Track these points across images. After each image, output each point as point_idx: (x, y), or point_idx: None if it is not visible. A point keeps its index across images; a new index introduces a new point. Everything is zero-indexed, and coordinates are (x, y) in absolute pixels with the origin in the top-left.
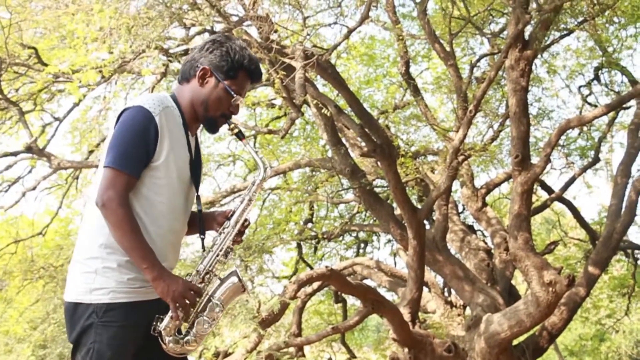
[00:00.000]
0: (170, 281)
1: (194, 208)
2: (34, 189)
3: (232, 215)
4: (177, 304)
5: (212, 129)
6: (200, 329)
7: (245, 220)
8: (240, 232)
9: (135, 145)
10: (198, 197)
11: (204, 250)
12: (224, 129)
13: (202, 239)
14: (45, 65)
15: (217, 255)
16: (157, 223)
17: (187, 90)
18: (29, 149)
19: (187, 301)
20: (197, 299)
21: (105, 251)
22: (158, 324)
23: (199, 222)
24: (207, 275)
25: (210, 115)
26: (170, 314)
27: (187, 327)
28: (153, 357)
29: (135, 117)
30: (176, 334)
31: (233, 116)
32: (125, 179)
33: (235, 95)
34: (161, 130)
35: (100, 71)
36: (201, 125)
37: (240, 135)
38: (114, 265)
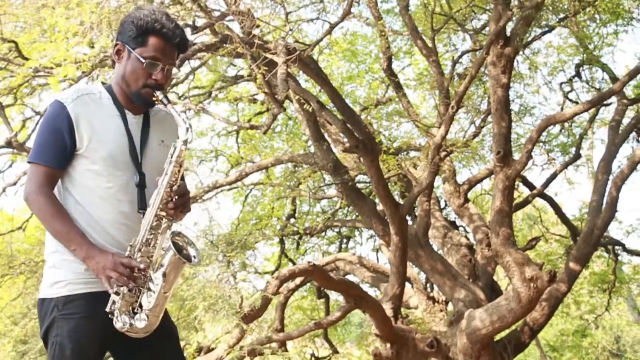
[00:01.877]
0: (100, 257)
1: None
2: (14, 184)
3: (160, 183)
4: (110, 278)
5: (142, 103)
6: (148, 303)
7: (172, 185)
8: (170, 200)
9: (48, 136)
10: (141, 175)
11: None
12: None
13: (142, 214)
14: (26, 59)
15: (150, 227)
16: (101, 208)
17: (115, 71)
18: (9, 144)
19: (120, 275)
20: (134, 273)
21: (61, 244)
22: (111, 306)
23: (138, 199)
24: (145, 249)
25: (133, 89)
26: (112, 294)
27: (137, 305)
28: (130, 341)
29: (49, 111)
30: (126, 313)
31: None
32: (42, 169)
33: (144, 60)
34: (76, 117)
35: (80, 66)
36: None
37: (164, 101)
38: (70, 257)
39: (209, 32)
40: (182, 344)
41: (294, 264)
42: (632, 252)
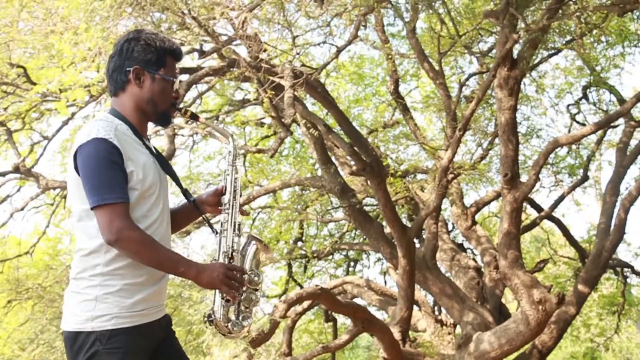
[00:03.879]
0: (210, 270)
1: (171, 202)
2: (22, 209)
3: (225, 191)
4: (228, 286)
5: (166, 122)
6: (250, 303)
7: (240, 190)
8: (240, 203)
9: (110, 172)
10: (186, 191)
11: (217, 233)
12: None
13: (208, 222)
14: (34, 84)
15: (233, 232)
16: (157, 233)
17: (127, 98)
18: (16, 169)
19: (236, 279)
20: (243, 276)
21: (103, 278)
22: (212, 317)
23: (197, 209)
24: (233, 253)
25: (161, 109)
26: (218, 303)
27: (236, 308)
28: None
29: (95, 149)
30: (230, 318)
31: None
32: (119, 207)
33: (174, 80)
34: (123, 151)
35: (89, 90)
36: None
37: (194, 117)
38: (113, 290)
39: (216, 56)
40: None
41: (302, 287)
42: None
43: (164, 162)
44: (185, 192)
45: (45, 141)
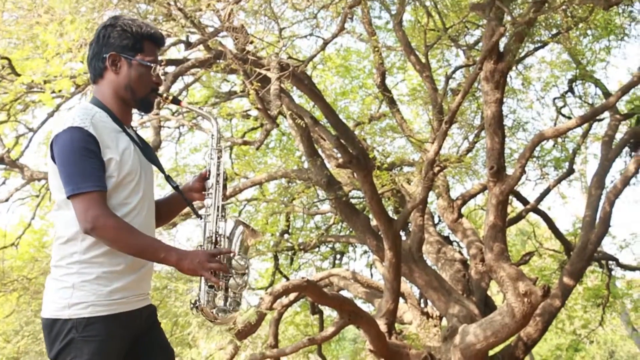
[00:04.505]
0: (191, 256)
1: (160, 190)
2: (6, 200)
3: (209, 175)
4: (211, 272)
5: (147, 108)
6: (236, 287)
7: (224, 173)
8: (224, 187)
9: (85, 162)
10: (168, 177)
11: (201, 218)
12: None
13: (192, 207)
14: (19, 75)
15: (217, 216)
16: (136, 220)
17: (105, 85)
18: (1, 160)
19: (219, 264)
20: (225, 262)
21: (81, 265)
22: (198, 303)
23: (181, 195)
24: (217, 237)
25: (140, 96)
26: (203, 289)
27: (224, 293)
28: (143, 353)
29: (70, 138)
30: (216, 304)
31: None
32: (95, 195)
33: (152, 65)
34: (99, 139)
35: (74, 81)
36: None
37: (176, 101)
38: (91, 278)
39: (202, 48)
40: None
41: (288, 279)
42: (625, 267)
43: (149, 151)
44: (167, 178)
45: (31, 133)
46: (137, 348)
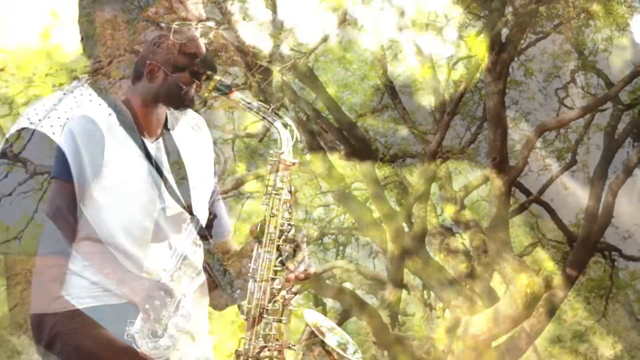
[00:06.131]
0: (136, 283)
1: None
2: (9, 194)
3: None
4: (146, 305)
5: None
6: (175, 328)
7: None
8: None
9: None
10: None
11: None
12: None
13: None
14: (21, 69)
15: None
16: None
17: (140, 88)
18: (3, 155)
19: (156, 302)
20: (168, 299)
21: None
22: (129, 327)
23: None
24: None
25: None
26: (140, 316)
27: (162, 329)
28: None
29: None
30: (150, 336)
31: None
32: (69, 185)
33: (185, 87)
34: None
35: (76, 76)
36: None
37: (224, 90)
38: (73, 270)
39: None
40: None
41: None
42: (628, 258)
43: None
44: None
45: (33, 127)
46: None
